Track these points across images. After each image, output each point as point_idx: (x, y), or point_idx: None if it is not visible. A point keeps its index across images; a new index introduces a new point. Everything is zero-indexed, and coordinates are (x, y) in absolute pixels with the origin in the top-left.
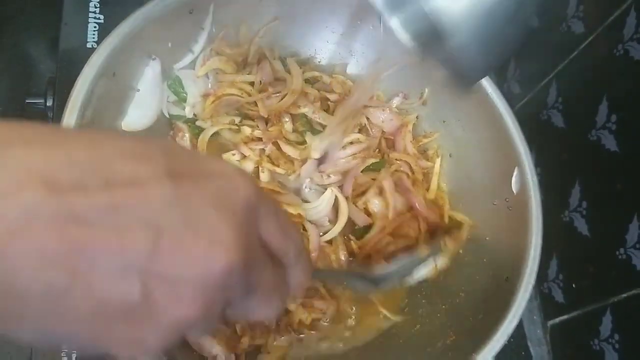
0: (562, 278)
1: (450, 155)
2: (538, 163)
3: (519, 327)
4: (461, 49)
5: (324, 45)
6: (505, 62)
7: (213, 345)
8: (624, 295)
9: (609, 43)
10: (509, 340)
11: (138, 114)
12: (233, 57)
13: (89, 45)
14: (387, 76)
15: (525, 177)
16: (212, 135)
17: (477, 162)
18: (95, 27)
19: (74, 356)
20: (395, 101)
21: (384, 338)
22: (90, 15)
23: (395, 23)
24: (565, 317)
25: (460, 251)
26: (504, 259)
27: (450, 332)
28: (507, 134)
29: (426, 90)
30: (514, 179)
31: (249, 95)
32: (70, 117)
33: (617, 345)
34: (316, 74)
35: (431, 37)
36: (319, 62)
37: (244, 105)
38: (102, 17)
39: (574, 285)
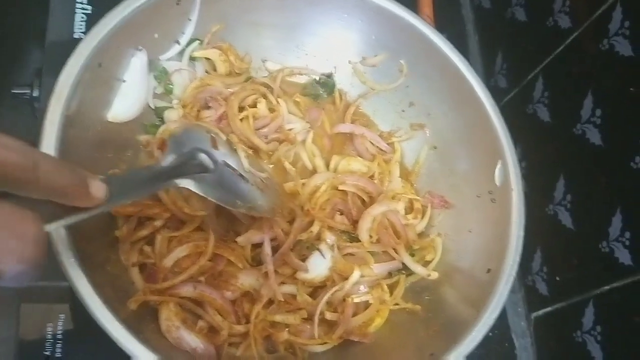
0: (546, 271)
1: (435, 148)
2: (524, 157)
3: (503, 318)
4: None
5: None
6: (493, 57)
7: (192, 338)
8: (607, 287)
9: (595, 38)
10: (492, 332)
11: (124, 105)
12: (231, 66)
13: (76, 36)
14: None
15: (508, 170)
16: None
17: (461, 155)
18: (82, 17)
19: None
20: None
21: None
22: (77, 6)
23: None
24: (549, 309)
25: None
26: (487, 251)
27: (433, 323)
28: (491, 128)
29: (404, 67)
30: (497, 172)
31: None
32: (55, 107)
33: (599, 338)
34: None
35: None
36: (306, 54)
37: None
38: (89, 7)
39: (557, 278)
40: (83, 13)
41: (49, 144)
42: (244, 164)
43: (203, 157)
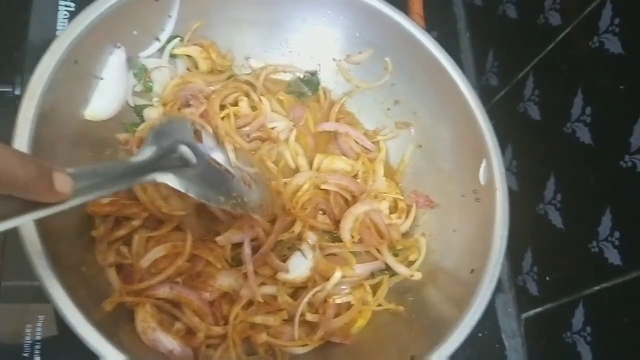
0: (536, 271)
1: (420, 147)
2: (515, 156)
3: (493, 319)
4: None
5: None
6: (484, 55)
7: (168, 339)
8: (596, 288)
9: (585, 35)
10: (482, 333)
11: (102, 103)
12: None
13: (58, 34)
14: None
15: (493, 169)
16: None
17: (446, 154)
18: (65, 14)
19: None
20: None
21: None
22: (60, 3)
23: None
24: (539, 309)
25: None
26: (471, 251)
27: (416, 324)
28: (476, 126)
29: (389, 64)
30: (481, 171)
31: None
32: (29, 104)
33: (588, 338)
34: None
35: None
36: (290, 51)
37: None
38: (72, 5)
39: (547, 278)
40: (66, 10)
41: (21, 141)
42: (231, 158)
43: (185, 150)
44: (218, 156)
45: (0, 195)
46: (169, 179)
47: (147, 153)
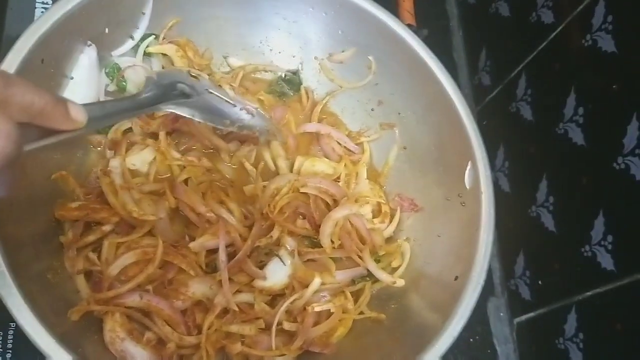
0: (529, 275)
1: (404, 149)
2: (507, 157)
3: (485, 324)
4: None
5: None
6: (477, 54)
7: (137, 350)
8: (589, 293)
9: (578, 33)
10: (474, 338)
11: None
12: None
13: None
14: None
15: (478, 171)
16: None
17: (431, 157)
18: (42, 12)
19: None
20: None
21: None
22: (37, 0)
23: None
24: (531, 314)
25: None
26: (456, 257)
27: (399, 332)
28: (462, 128)
29: (373, 63)
30: (467, 174)
31: None
32: None
33: (581, 345)
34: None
35: None
36: (271, 50)
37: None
38: (50, 2)
39: (540, 282)
40: (43, 7)
41: None
42: (230, 94)
43: (183, 86)
44: (217, 92)
45: (21, 123)
46: (173, 108)
47: (148, 92)
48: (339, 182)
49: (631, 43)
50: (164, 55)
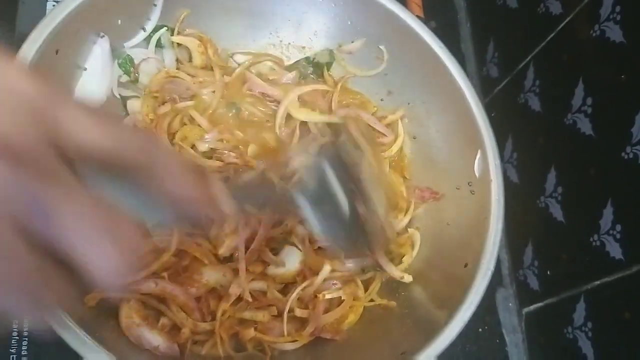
0: (537, 265)
1: (414, 138)
2: (515, 148)
3: (494, 314)
4: None
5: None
6: (485, 45)
7: (153, 336)
8: (597, 282)
9: (586, 24)
10: (483, 328)
11: (85, 94)
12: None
13: None
14: None
15: (488, 160)
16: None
17: (440, 146)
18: (54, 5)
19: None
20: None
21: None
22: None
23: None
24: (540, 304)
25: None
26: (465, 245)
27: (407, 319)
28: (471, 117)
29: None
30: (476, 163)
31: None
32: None
33: (590, 334)
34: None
35: None
36: (280, 41)
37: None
38: None
39: (548, 272)
40: (55, 1)
41: None
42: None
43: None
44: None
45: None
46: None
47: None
48: None
49: (639, 33)
50: (179, 45)
